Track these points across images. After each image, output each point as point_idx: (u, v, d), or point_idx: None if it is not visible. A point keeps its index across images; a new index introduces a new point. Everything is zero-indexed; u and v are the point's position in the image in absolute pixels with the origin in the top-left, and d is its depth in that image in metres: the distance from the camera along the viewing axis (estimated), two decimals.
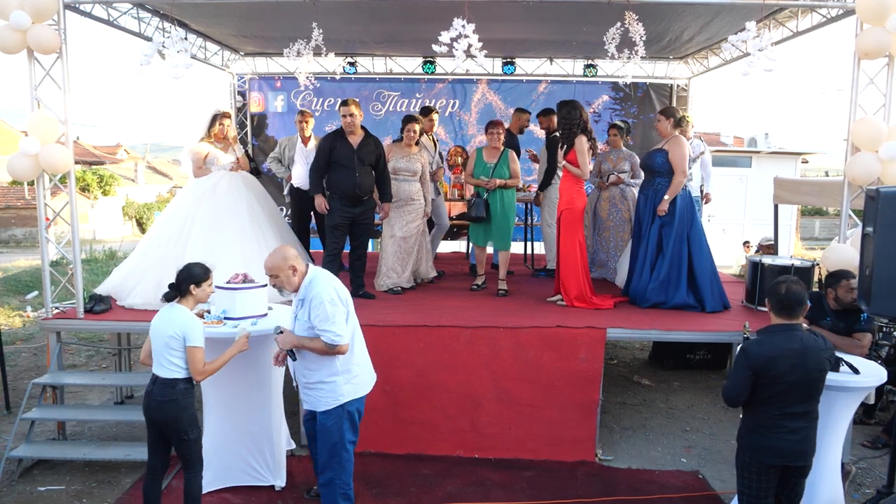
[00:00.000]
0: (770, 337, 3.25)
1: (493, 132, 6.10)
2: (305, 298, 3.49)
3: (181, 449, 3.57)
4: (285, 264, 3.47)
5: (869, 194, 3.93)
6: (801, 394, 3.18)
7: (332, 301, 3.44)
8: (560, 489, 4.42)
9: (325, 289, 3.46)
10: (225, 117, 5.74)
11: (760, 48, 4.90)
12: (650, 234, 5.62)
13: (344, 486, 3.66)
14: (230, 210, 5.50)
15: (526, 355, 4.85)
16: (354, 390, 3.60)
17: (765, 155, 16.87)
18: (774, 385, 3.16)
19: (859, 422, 5.41)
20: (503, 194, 6.07)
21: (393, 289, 6.14)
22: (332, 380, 3.53)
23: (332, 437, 3.57)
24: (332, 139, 5.67)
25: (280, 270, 3.47)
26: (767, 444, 3.22)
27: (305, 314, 3.48)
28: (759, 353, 3.18)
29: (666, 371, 7.08)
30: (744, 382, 3.21)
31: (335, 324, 3.42)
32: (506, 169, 6.08)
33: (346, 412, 3.58)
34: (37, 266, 12.40)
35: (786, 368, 3.13)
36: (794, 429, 3.19)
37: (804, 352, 3.16)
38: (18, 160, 4.91)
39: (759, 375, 3.17)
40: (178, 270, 3.61)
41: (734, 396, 3.28)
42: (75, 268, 5.23)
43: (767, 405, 3.21)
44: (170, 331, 3.48)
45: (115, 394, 6.08)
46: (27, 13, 4.68)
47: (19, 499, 4.32)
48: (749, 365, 3.18)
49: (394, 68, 9.14)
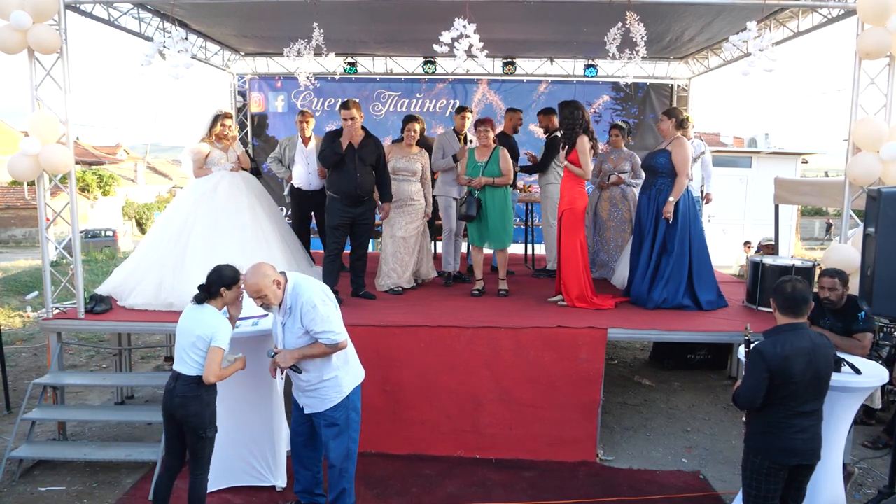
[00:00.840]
0: (782, 336, 3.21)
1: (481, 130, 5.98)
2: (294, 306, 3.46)
3: (196, 447, 3.56)
4: (268, 281, 3.43)
5: (870, 194, 3.93)
6: (812, 392, 3.18)
7: (323, 301, 3.46)
8: (561, 489, 4.41)
9: (312, 292, 3.46)
10: (227, 118, 5.72)
11: (761, 48, 4.90)
12: (654, 235, 5.60)
13: (349, 478, 3.71)
14: (231, 210, 5.48)
15: (527, 355, 4.85)
16: (354, 379, 3.71)
17: (765, 155, 16.89)
18: (788, 385, 3.14)
19: (860, 422, 5.40)
20: (495, 193, 5.92)
21: (393, 289, 6.13)
22: (334, 375, 3.58)
23: (343, 429, 3.64)
24: (334, 138, 5.65)
25: (266, 288, 3.42)
26: (782, 445, 3.20)
27: (296, 322, 3.47)
28: (775, 353, 3.15)
29: (666, 371, 7.08)
30: (761, 384, 3.16)
31: (332, 323, 3.45)
32: (496, 167, 5.91)
33: (350, 401, 3.66)
34: (37, 266, 12.41)
35: (800, 367, 3.13)
36: (805, 427, 3.19)
37: (815, 350, 3.17)
38: (19, 160, 4.90)
39: (776, 376, 3.13)
40: (208, 272, 3.60)
41: (751, 399, 3.21)
42: (76, 268, 5.23)
43: (779, 406, 3.19)
44: (199, 330, 3.47)
45: (116, 394, 6.08)
46: (28, 13, 4.67)
47: (20, 499, 4.32)
48: (767, 367, 3.14)
49: (394, 68, 9.14)
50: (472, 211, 5.92)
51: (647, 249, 5.65)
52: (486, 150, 5.99)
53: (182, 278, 5.14)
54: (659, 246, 5.59)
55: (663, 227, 5.56)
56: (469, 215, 5.95)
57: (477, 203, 5.93)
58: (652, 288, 5.61)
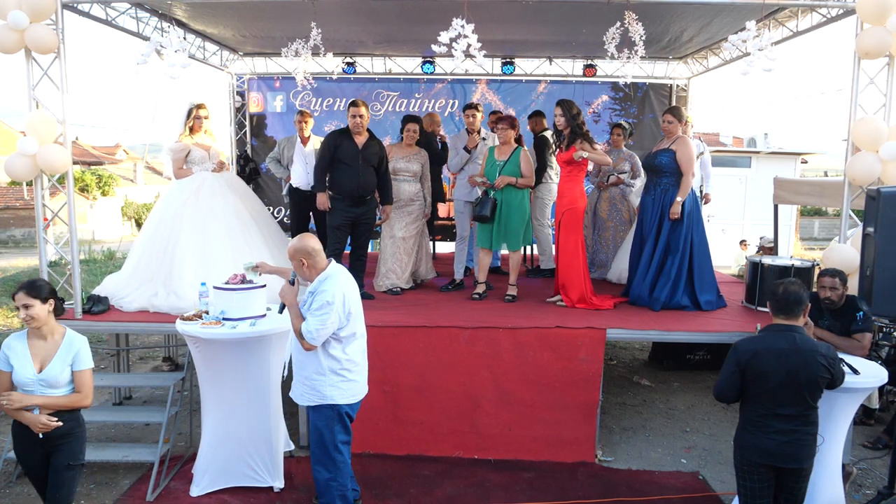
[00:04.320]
0: (762, 335, 3.31)
1: (499, 127, 5.76)
2: (315, 291, 3.57)
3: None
4: (306, 252, 3.57)
5: (870, 194, 3.93)
6: (790, 395, 3.17)
7: (331, 303, 3.46)
8: (560, 490, 4.41)
9: (334, 291, 3.50)
10: (200, 108, 5.58)
11: (760, 48, 4.90)
12: (657, 235, 5.58)
13: (341, 488, 3.68)
14: (216, 215, 5.39)
15: (526, 356, 4.84)
16: (341, 395, 3.61)
17: (764, 155, 16.88)
18: (762, 383, 3.18)
19: (859, 422, 5.40)
20: (514, 194, 5.64)
21: (392, 289, 6.12)
22: (318, 378, 3.58)
23: (324, 437, 3.62)
24: (337, 137, 5.65)
25: (303, 257, 3.57)
26: (753, 442, 3.25)
27: (310, 304, 3.56)
28: (746, 348, 3.25)
29: (666, 371, 7.07)
30: (731, 377, 3.28)
31: (319, 322, 3.45)
32: (516, 167, 5.63)
33: (337, 413, 3.61)
34: (35, 266, 12.39)
35: (771, 366, 3.15)
36: (783, 430, 3.19)
37: (794, 352, 3.16)
38: (16, 160, 4.89)
39: (746, 371, 3.22)
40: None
41: (722, 391, 3.36)
42: (73, 268, 5.21)
43: (756, 403, 3.24)
44: None
45: (114, 395, 6.07)
46: (25, 13, 4.66)
47: (17, 500, 4.30)
48: (736, 359, 3.25)
49: (393, 68, 9.12)
50: (486, 211, 5.61)
51: (649, 250, 5.63)
52: (507, 149, 5.73)
53: (173, 292, 5.14)
54: (663, 246, 5.57)
55: (668, 227, 5.53)
56: (482, 216, 5.66)
57: (492, 204, 5.63)
58: (655, 288, 5.58)
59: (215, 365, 4.15)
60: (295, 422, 5.00)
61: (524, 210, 5.71)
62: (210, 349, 4.10)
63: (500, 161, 5.72)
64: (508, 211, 5.66)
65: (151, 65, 5.16)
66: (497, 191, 5.67)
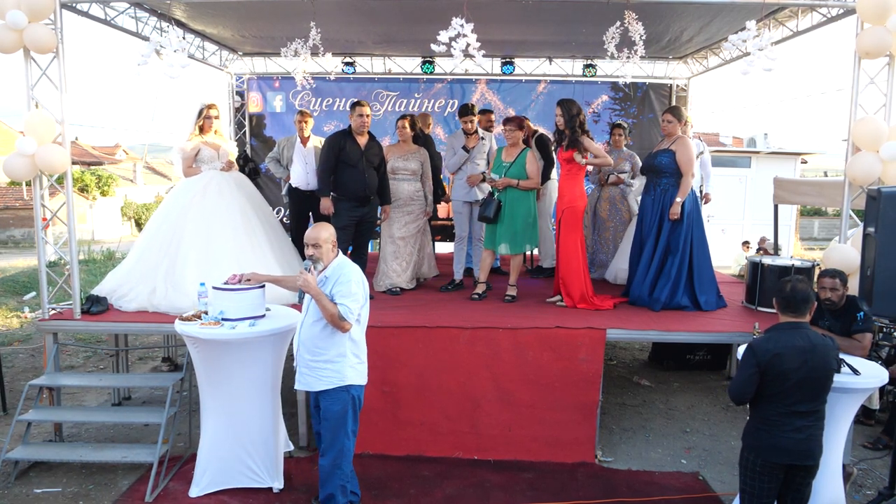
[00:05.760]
0: (777, 334, 3.27)
1: (507, 129, 5.76)
2: (331, 276, 3.66)
3: None
4: (327, 236, 3.70)
5: (870, 194, 3.92)
6: (808, 392, 3.18)
7: (359, 283, 3.67)
8: (560, 491, 4.40)
9: (355, 273, 3.70)
10: (211, 108, 5.64)
11: (760, 48, 4.89)
12: (658, 236, 5.57)
13: (344, 477, 3.76)
14: (222, 214, 5.39)
15: (526, 356, 4.83)
16: (358, 376, 3.76)
17: (764, 155, 16.88)
18: (781, 382, 3.16)
19: (859, 422, 5.39)
20: (518, 196, 5.63)
21: (391, 289, 6.11)
22: (340, 360, 3.66)
23: (338, 421, 3.68)
24: (340, 138, 5.65)
25: (324, 242, 3.69)
26: (773, 443, 3.21)
27: (327, 289, 3.63)
28: (766, 349, 3.19)
29: (666, 372, 7.07)
30: (750, 379, 3.22)
31: (355, 301, 3.61)
32: (521, 169, 5.63)
33: (352, 397, 3.71)
34: (35, 267, 12.37)
35: (793, 365, 3.14)
36: (800, 427, 3.19)
37: (812, 349, 3.17)
38: (15, 160, 4.88)
39: (766, 372, 3.18)
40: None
41: (740, 393, 3.29)
42: (72, 268, 5.20)
43: (774, 402, 3.20)
44: None
45: (113, 395, 6.05)
46: (23, 12, 4.65)
47: (15, 501, 4.29)
48: (756, 361, 3.20)
49: (392, 68, 9.11)
50: (489, 213, 5.63)
51: (650, 250, 5.62)
52: (514, 151, 5.74)
53: (174, 285, 5.13)
54: (663, 246, 5.56)
55: (668, 227, 5.53)
56: (485, 217, 5.69)
57: (497, 205, 5.64)
58: (655, 289, 5.57)
59: (214, 365, 4.14)
60: (294, 422, 4.99)
61: (529, 212, 5.68)
62: (209, 349, 4.09)
63: (506, 163, 5.75)
64: (512, 213, 5.66)
65: (151, 65, 5.15)
66: (500, 192, 5.69)
